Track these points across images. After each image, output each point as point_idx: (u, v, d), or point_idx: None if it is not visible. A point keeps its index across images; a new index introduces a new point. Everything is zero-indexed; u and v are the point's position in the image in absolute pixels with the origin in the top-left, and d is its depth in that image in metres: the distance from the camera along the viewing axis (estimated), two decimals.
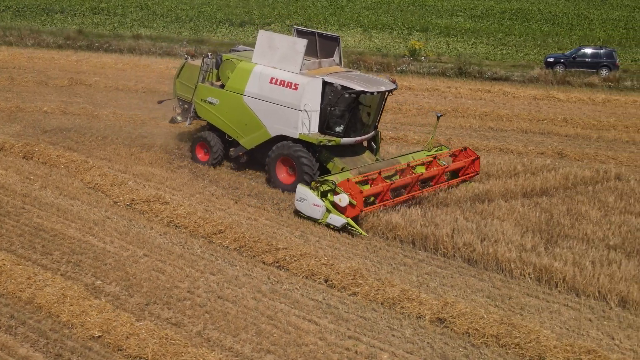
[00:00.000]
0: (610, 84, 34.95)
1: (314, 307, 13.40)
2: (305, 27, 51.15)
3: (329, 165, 18.90)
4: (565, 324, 13.25)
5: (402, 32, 52.82)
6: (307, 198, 16.82)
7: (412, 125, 26.85)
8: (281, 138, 19.00)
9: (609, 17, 68.86)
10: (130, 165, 20.47)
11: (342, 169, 18.33)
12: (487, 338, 12.44)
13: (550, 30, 57.69)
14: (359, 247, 16.03)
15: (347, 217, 16.43)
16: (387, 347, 12.23)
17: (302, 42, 18.75)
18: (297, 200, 17.04)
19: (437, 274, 14.99)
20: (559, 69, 38.95)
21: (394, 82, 19.42)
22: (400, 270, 15.03)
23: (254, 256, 15.24)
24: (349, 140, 18.94)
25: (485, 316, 12.93)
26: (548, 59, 40.07)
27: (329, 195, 16.71)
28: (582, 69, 38.66)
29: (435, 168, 18.84)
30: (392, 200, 17.46)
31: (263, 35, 19.60)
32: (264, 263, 15.01)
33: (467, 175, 19.70)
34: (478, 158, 19.80)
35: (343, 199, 16.33)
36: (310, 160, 18.47)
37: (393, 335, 12.57)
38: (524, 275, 14.81)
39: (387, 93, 19.12)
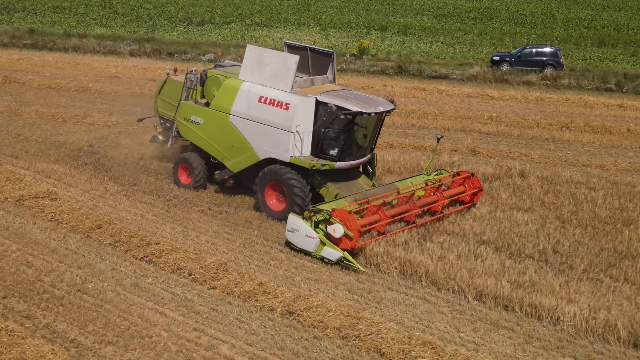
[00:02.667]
0: (547, 82, 35.29)
1: (170, 300, 13.62)
2: (264, 26, 51.50)
3: (322, 191, 17.58)
4: (417, 317, 13.47)
5: (360, 31, 53.11)
6: (300, 229, 15.39)
7: None
8: (271, 161, 17.62)
9: (575, 16, 69.39)
10: (34, 162, 20.65)
11: (337, 195, 17.10)
12: (330, 330, 12.66)
13: (511, 29, 58.07)
14: (237, 243, 16.26)
15: (342, 249, 15.16)
16: (229, 339, 12.44)
17: (294, 59, 17.33)
18: (289, 231, 15.61)
19: (305, 267, 15.23)
20: (505, 67, 39.36)
21: (392, 101, 18.08)
22: (270, 265, 15.26)
23: (126, 251, 15.46)
24: (344, 165, 17.54)
25: (334, 309, 13.16)
26: (494, 58, 40.51)
27: (320, 225, 15.44)
28: (527, 67, 39.10)
29: (435, 195, 17.67)
30: (385, 234, 16.16)
31: (251, 50, 18.15)
32: (134, 258, 15.22)
33: (464, 205, 18.37)
34: (481, 190, 18.59)
35: (337, 230, 14.92)
36: (302, 186, 17.10)
37: (239, 328, 12.80)
38: (390, 270, 15.07)
39: (384, 114, 17.71)
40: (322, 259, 15.39)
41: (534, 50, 40.07)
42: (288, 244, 15.92)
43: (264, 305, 13.47)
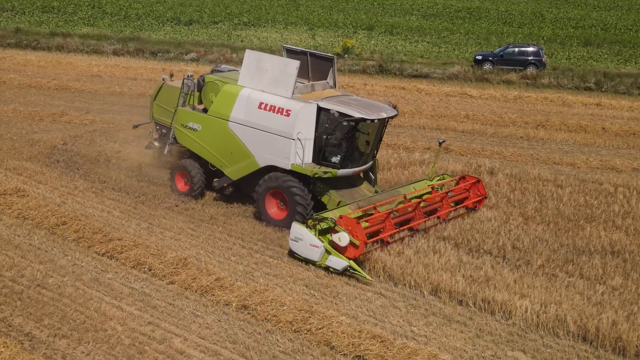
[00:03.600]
0: (527, 81, 35.51)
1: (128, 294, 13.81)
2: (251, 25, 51.71)
3: (325, 199, 17.23)
4: (371, 311, 13.65)
5: (347, 31, 53.31)
6: (304, 238, 15.13)
7: None
8: (271, 169, 17.30)
9: (564, 15, 69.60)
10: (6, 159, 20.83)
11: (339, 202, 16.82)
12: (283, 324, 12.85)
13: (498, 28, 58.28)
14: (200, 239, 16.46)
15: (349, 258, 14.88)
16: (182, 332, 12.63)
17: (295, 64, 16.95)
18: (292, 240, 15.34)
19: (266, 263, 15.42)
20: (487, 66, 39.59)
21: (394, 107, 17.86)
22: (231, 260, 15.45)
23: (89, 247, 15.65)
24: (346, 172, 17.19)
25: (288, 303, 13.37)
26: (477, 57, 40.72)
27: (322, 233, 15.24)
28: (509, 66, 39.33)
29: (436, 196, 17.65)
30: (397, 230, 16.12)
31: (251, 56, 17.73)
32: (96, 253, 15.42)
33: (477, 202, 18.47)
34: (480, 181, 18.58)
35: (343, 238, 14.68)
36: (304, 194, 16.80)
37: (194, 322, 12.98)
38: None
39: (387, 120, 17.45)
40: (327, 268, 15.13)
41: (516, 49, 40.31)
42: (292, 254, 15.64)
43: (220, 299, 13.67)
